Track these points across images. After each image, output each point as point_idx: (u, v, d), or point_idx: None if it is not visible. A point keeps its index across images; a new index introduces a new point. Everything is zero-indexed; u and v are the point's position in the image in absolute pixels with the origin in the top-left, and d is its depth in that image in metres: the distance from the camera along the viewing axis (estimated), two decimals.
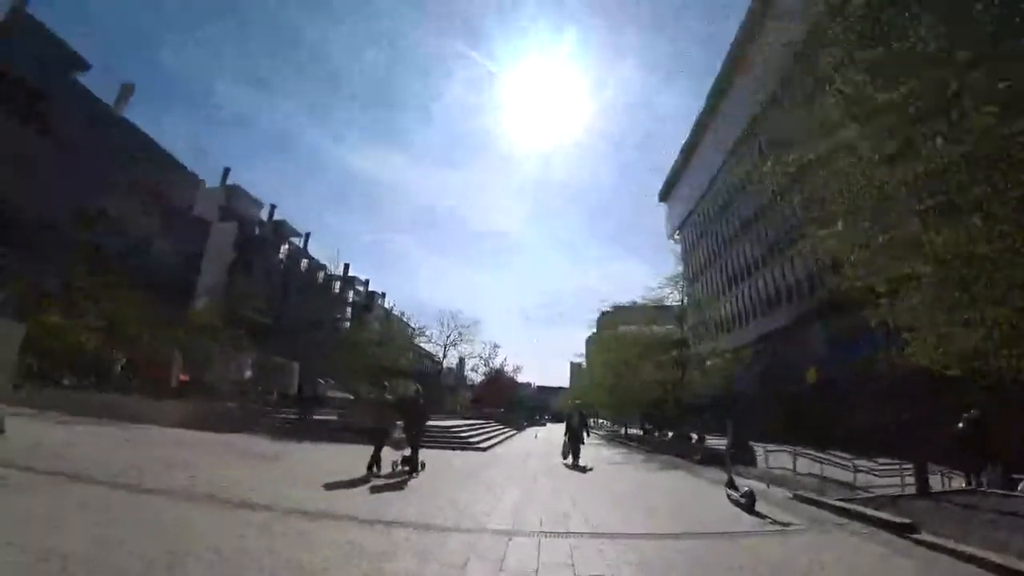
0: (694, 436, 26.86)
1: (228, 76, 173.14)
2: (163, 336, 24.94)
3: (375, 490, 8.09)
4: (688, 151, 61.41)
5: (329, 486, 8.03)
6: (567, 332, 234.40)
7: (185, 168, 54.14)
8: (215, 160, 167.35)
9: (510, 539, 5.33)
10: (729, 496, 8.27)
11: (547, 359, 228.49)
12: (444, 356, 40.33)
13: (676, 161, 65.94)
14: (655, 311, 29.88)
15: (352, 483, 8.51)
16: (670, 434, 30.11)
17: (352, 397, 29.46)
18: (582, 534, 5.71)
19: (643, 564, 4.63)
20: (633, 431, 43.42)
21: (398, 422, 10.10)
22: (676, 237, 68.83)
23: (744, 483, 8.99)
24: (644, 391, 25.39)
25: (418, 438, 10.09)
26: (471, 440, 18.72)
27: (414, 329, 37.25)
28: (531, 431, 41.09)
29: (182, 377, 24.14)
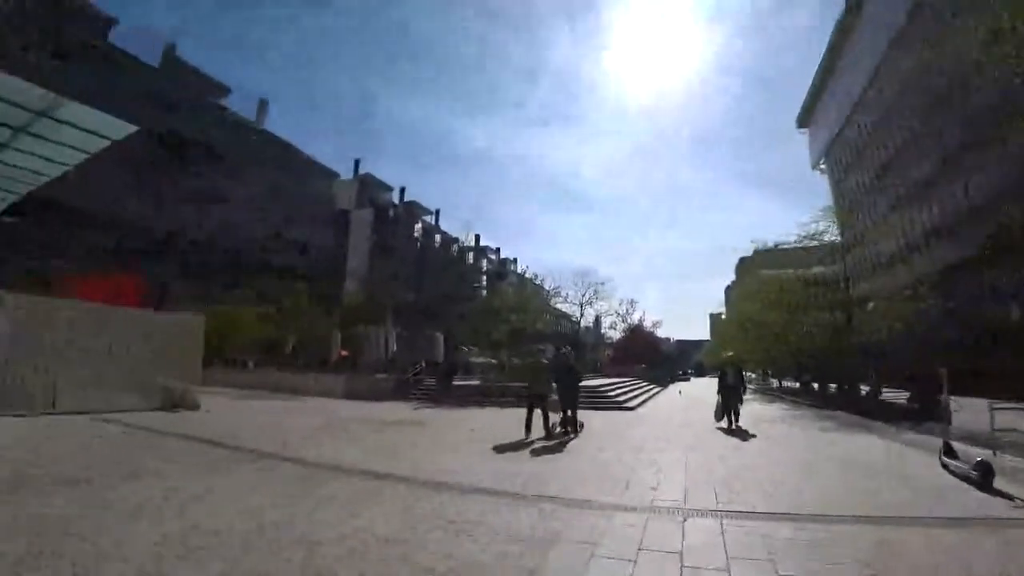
0: (864, 389, 23.72)
1: (344, 71, 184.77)
2: (322, 320, 27.79)
3: (535, 454, 7.97)
4: (829, 61, 53.09)
5: (490, 451, 8.16)
6: (703, 283, 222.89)
7: (323, 165, 59.23)
8: (343, 151, 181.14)
9: (684, 520, 4.71)
10: (947, 466, 6.77)
11: (685, 312, 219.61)
12: (581, 315, 39.76)
13: (815, 77, 57.56)
14: (804, 252, 26.51)
15: (511, 448, 8.53)
16: (833, 387, 26.95)
17: (494, 362, 30.35)
18: (770, 515, 4.85)
19: (871, 564, 3.62)
20: (787, 384, 40.02)
21: (553, 384, 10.03)
22: (822, 166, 60.98)
23: (965, 450, 7.36)
24: (803, 339, 22.72)
25: (574, 399, 10.06)
26: (617, 399, 18.22)
27: (548, 291, 36.90)
28: (674, 387, 39.55)
29: (341, 353, 26.60)
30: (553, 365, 10.52)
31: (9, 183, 13.02)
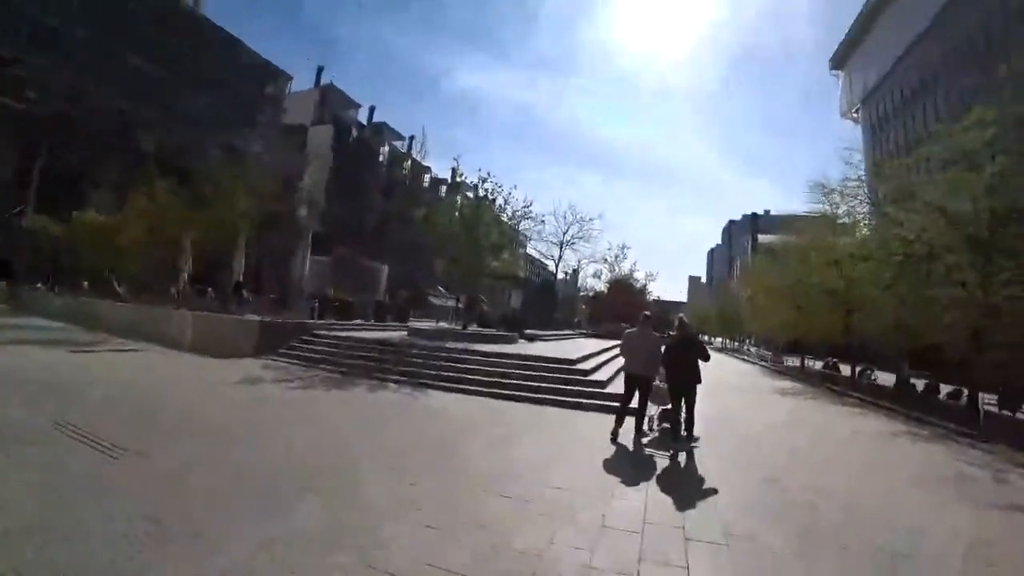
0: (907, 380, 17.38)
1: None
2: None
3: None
4: None
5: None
6: (676, 242, 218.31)
7: (275, 66, 50.03)
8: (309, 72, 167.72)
9: None
10: None
11: (655, 270, 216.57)
12: (559, 258, 32.28)
13: (860, 14, 50.75)
14: (824, 220, 20.79)
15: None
16: (872, 375, 21.28)
17: (459, 306, 24.35)
18: None
19: None
20: (815, 364, 30.61)
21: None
22: (854, 114, 55.37)
23: None
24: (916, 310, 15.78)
25: (691, 388, 6.80)
26: (598, 381, 12.07)
27: (516, 211, 22.69)
28: None
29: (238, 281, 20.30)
30: (678, 339, 6.87)
31: None
